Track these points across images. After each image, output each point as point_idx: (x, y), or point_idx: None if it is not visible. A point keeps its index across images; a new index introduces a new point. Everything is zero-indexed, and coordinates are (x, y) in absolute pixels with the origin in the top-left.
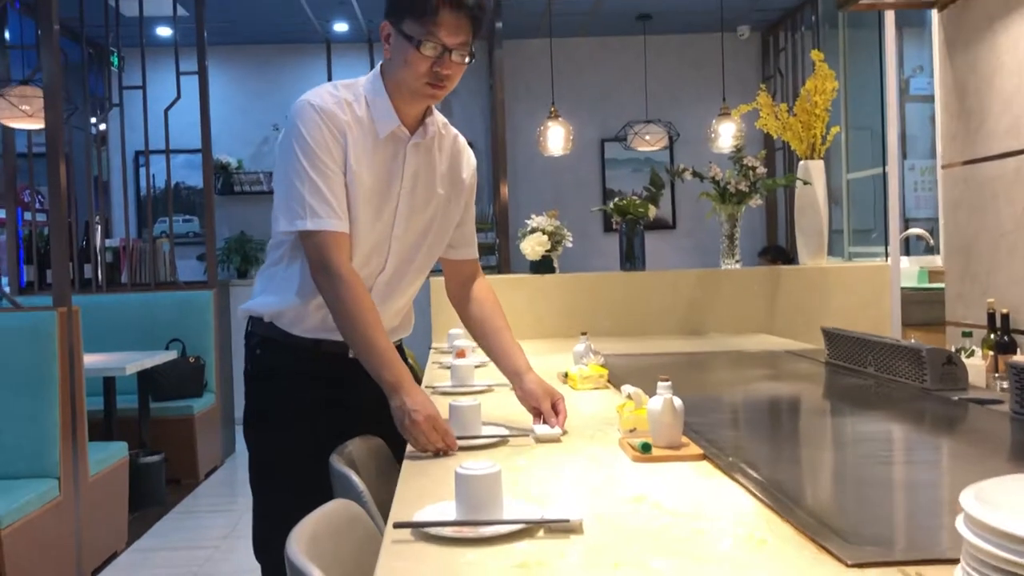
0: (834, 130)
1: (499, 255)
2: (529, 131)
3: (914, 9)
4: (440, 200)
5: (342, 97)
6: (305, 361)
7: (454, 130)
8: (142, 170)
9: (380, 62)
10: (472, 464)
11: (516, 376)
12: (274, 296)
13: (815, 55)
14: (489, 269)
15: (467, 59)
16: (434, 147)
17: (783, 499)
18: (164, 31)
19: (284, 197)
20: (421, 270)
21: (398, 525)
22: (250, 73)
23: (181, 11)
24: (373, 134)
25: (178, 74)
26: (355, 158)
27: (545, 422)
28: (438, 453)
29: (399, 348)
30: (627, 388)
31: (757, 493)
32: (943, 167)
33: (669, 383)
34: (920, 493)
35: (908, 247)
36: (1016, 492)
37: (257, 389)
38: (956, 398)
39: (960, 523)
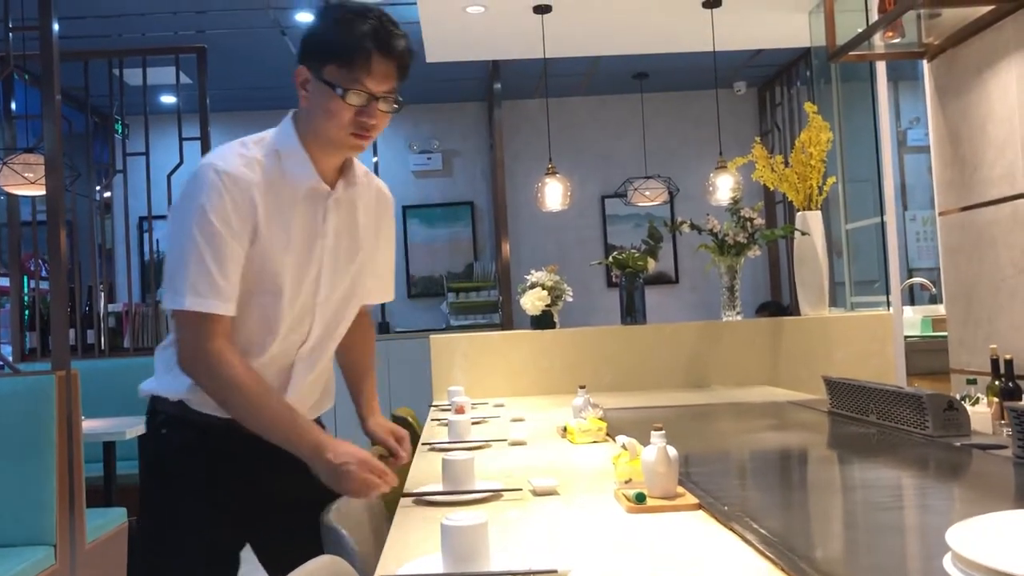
0: (830, 180)
1: (502, 312)
2: (530, 189)
3: (905, 60)
4: (365, 256)
5: (252, 156)
6: (212, 438)
7: (376, 179)
8: (145, 235)
9: (291, 111)
10: (458, 515)
11: (363, 419)
12: (177, 376)
13: (809, 107)
14: (492, 327)
15: (394, 107)
16: (357, 200)
17: (782, 549)
18: (168, 99)
19: (171, 272)
20: (342, 333)
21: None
22: None
23: (184, 79)
24: (289, 192)
25: (181, 140)
26: (267, 224)
27: (393, 454)
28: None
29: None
30: (621, 438)
31: (755, 543)
32: (940, 214)
33: (663, 432)
34: (915, 539)
35: (912, 297)
36: (999, 528)
37: (161, 471)
38: (959, 444)
39: (947, 562)
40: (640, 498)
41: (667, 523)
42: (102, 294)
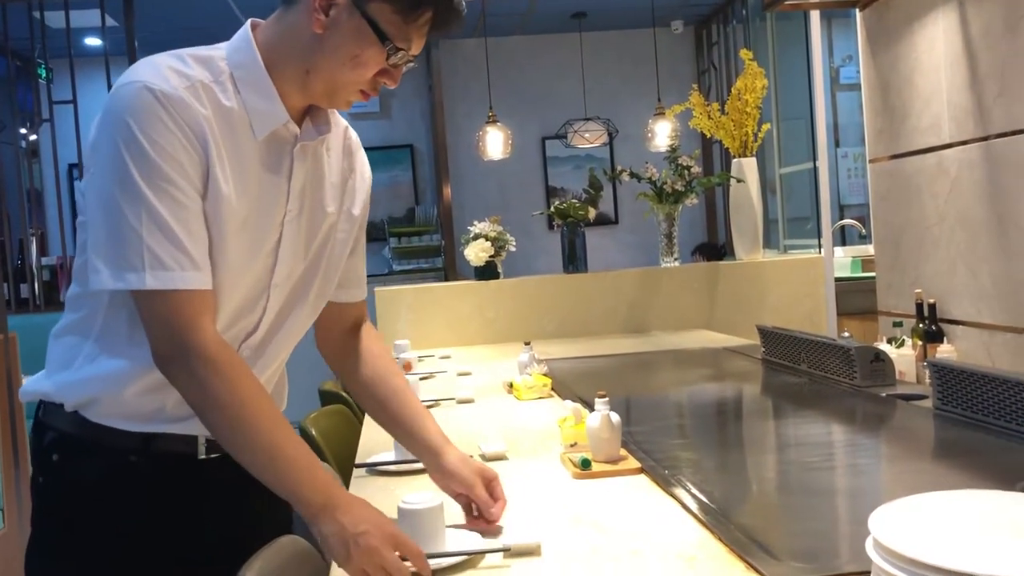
0: (765, 127)
1: (445, 256)
2: (470, 131)
3: (838, 9)
4: (331, 223)
5: (195, 78)
6: (127, 470)
7: (343, 120)
8: (77, 183)
9: (248, 21)
10: (415, 497)
11: (433, 454)
12: (80, 373)
13: (744, 54)
14: (436, 271)
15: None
16: (322, 148)
17: (715, 514)
18: (93, 41)
19: (108, 236)
20: (303, 325)
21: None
22: None
23: (110, 21)
24: (245, 133)
25: (110, 87)
26: (221, 172)
27: (479, 513)
28: None
29: None
30: (568, 404)
31: (691, 508)
32: (870, 161)
33: (607, 399)
34: (844, 502)
35: (844, 236)
36: (920, 514)
37: (52, 511)
38: (884, 394)
39: (869, 546)
40: (586, 464)
41: (612, 489)
42: (34, 245)
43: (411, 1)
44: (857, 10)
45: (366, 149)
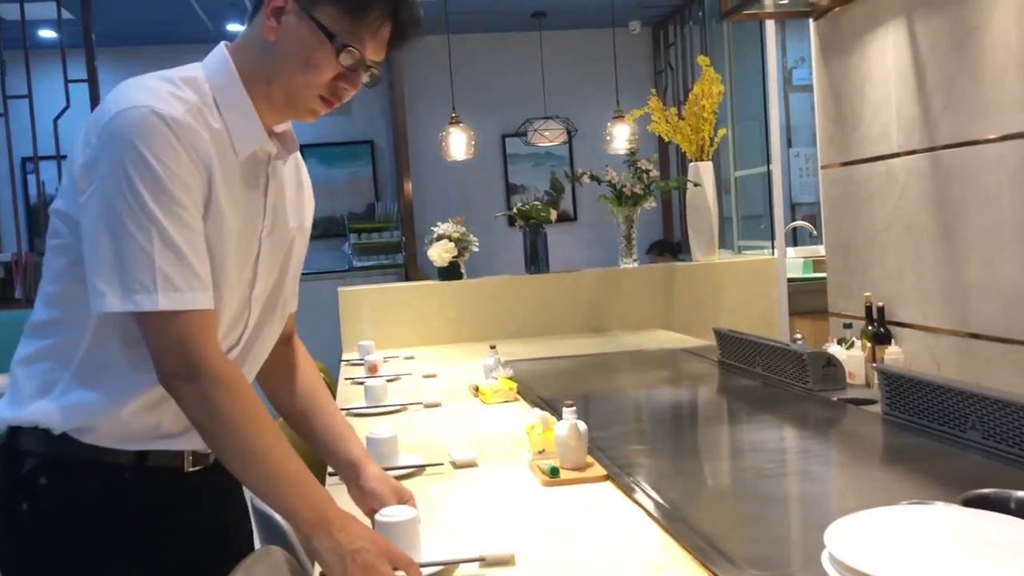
0: (721, 132)
1: (405, 253)
2: (431, 127)
3: (793, 18)
4: (292, 237)
5: (190, 101)
6: (122, 486)
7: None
8: (31, 177)
9: (222, 43)
10: (391, 511)
11: (353, 470)
12: (67, 399)
13: (702, 60)
14: (396, 268)
15: (373, 83)
16: (286, 169)
17: (678, 522)
18: (48, 33)
19: (116, 259)
20: (274, 338)
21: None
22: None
23: (66, 14)
24: (231, 154)
25: (67, 82)
26: (224, 192)
27: None
28: None
29: None
30: (536, 412)
31: (655, 516)
32: (822, 167)
33: (574, 408)
34: (797, 509)
35: (795, 236)
36: (874, 529)
37: (41, 535)
38: (835, 398)
39: (825, 560)
40: (554, 472)
41: (579, 496)
42: None
43: (358, 1)
44: (811, 20)
45: (326, 145)
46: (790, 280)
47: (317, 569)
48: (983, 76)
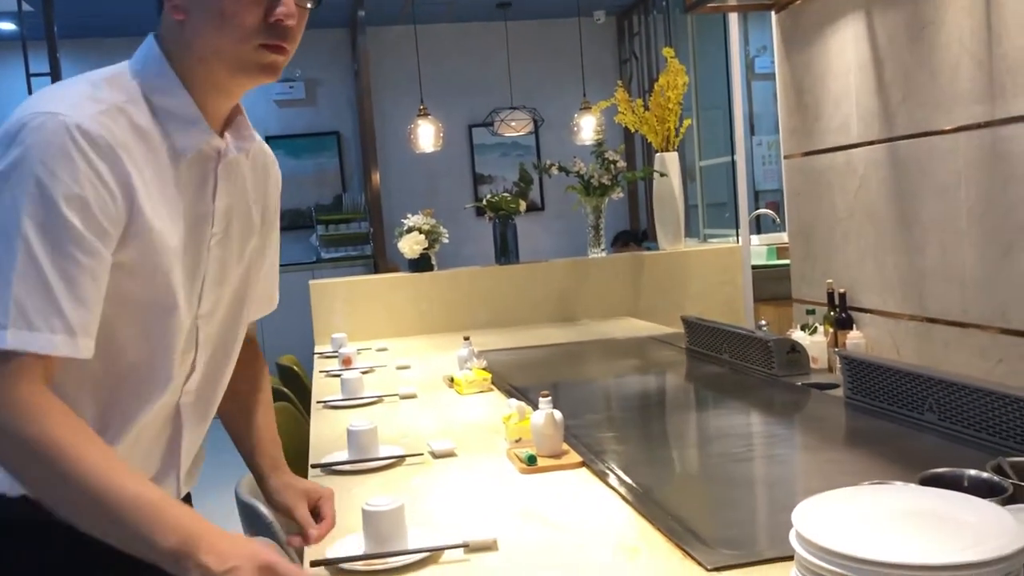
0: (687, 123)
1: (374, 244)
2: (397, 118)
3: (756, 11)
4: (258, 239)
5: (110, 102)
6: (86, 548)
7: (258, 136)
8: None
9: (151, 35)
10: (377, 500)
11: (261, 478)
12: None
13: (667, 52)
14: (364, 259)
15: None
16: (245, 165)
17: (652, 506)
18: (8, 26)
19: None
20: (234, 360)
21: (315, 563)
22: None
23: (26, 6)
24: (168, 155)
25: (28, 75)
26: (148, 204)
27: (303, 532)
28: None
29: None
30: (513, 402)
31: (630, 500)
32: (785, 157)
33: (550, 399)
34: (764, 491)
35: (759, 225)
36: (839, 508)
37: None
38: (799, 383)
39: (792, 537)
40: (531, 460)
41: (556, 483)
42: None
43: None
44: (773, 13)
45: (292, 136)
46: (754, 267)
47: (307, 559)
48: (938, 70)
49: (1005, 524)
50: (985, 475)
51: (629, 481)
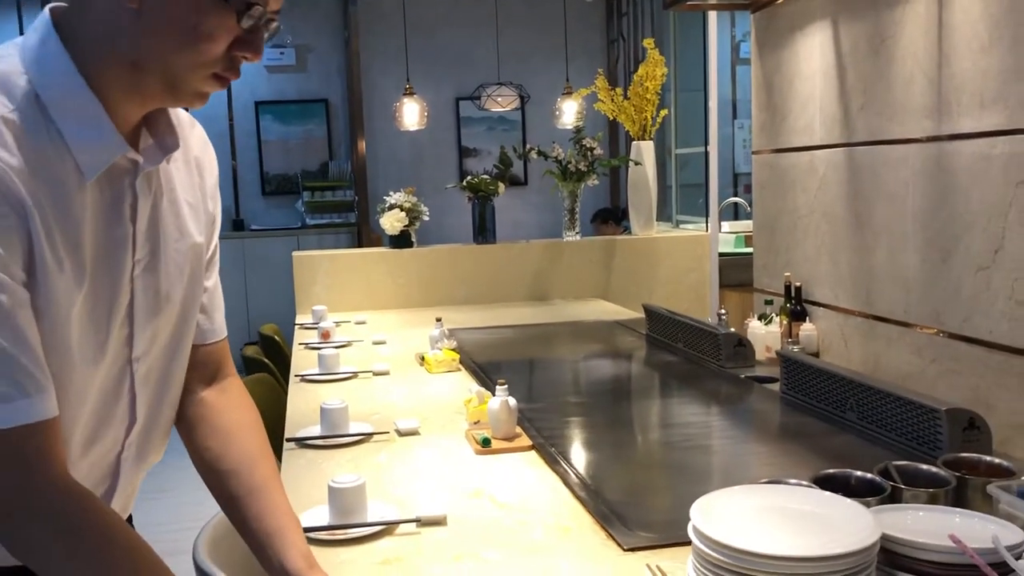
0: (663, 113)
1: (358, 211)
2: (385, 88)
3: (734, 11)
4: (196, 252)
5: None
6: None
7: (184, 114)
8: None
9: (48, 7)
10: (342, 478)
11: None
12: None
13: (647, 43)
14: (348, 227)
15: (273, 33)
16: (176, 168)
17: (588, 490)
18: None
19: None
20: (177, 394)
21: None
22: None
23: None
24: (70, 175)
25: (22, 33)
26: (47, 243)
27: None
28: None
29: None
30: (473, 387)
31: (569, 484)
32: (754, 152)
33: (506, 386)
34: (693, 480)
35: (737, 211)
36: (734, 504)
37: None
38: (743, 376)
39: (690, 529)
40: (486, 442)
41: (507, 464)
42: None
43: None
44: (750, 12)
45: (281, 102)
46: (722, 254)
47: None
48: (894, 82)
49: (863, 523)
50: (870, 476)
51: (572, 466)
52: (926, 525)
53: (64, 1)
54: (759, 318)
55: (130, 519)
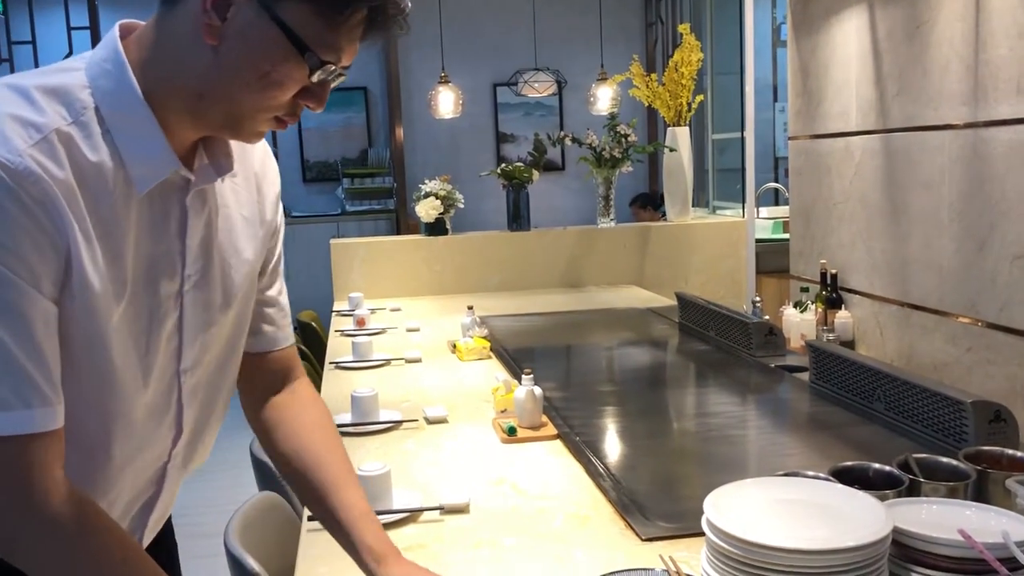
0: (699, 99)
1: (397, 198)
2: (423, 75)
3: None
4: (250, 270)
5: (48, 125)
6: None
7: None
8: None
9: (117, 24)
10: (368, 466)
11: (379, 562)
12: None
13: (682, 28)
14: (387, 213)
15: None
16: (230, 186)
17: (610, 479)
18: None
19: None
20: (227, 400)
21: (312, 517)
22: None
23: None
24: (120, 190)
25: (69, 29)
26: (88, 256)
27: None
28: None
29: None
30: (500, 376)
31: (592, 472)
32: (790, 138)
33: (532, 376)
34: (717, 470)
35: (776, 197)
36: (738, 497)
37: None
38: (773, 365)
39: (703, 521)
40: (512, 431)
41: (532, 453)
42: None
43: (339, 4)
44: None
45: None
46: (759, 240)
47: (306, 512)
48: (930, 68)
49: (876, 516)
50: (888, 469)
51: (595, 455)
52: (939, 519)
53: (142, 21)
54: (794, 305)
55: (169, 519)
